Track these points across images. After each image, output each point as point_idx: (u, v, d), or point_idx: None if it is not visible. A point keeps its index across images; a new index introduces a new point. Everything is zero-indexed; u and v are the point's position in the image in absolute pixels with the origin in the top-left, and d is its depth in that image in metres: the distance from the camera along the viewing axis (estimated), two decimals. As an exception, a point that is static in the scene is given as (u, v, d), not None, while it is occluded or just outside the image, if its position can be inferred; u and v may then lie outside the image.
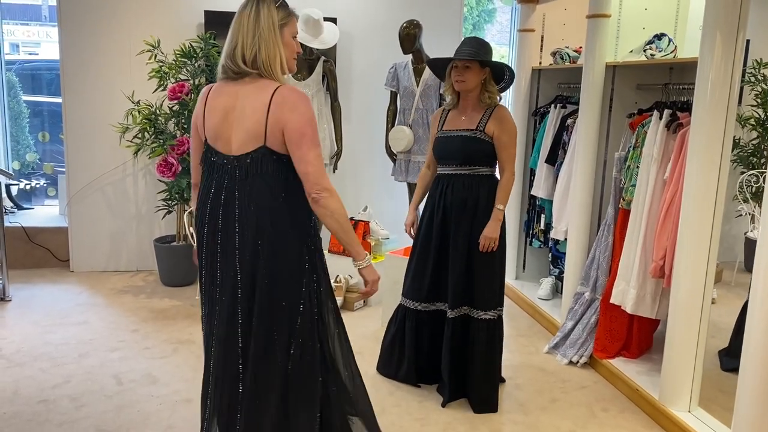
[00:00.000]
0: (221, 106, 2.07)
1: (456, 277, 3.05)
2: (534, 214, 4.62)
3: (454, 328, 3.08)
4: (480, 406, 3.05)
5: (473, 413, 3.03)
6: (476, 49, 2.97)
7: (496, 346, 3.11)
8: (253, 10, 2.03)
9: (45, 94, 6.22)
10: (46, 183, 5.92)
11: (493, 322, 3.07)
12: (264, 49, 2.01)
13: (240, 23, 2.04)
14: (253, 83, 2.04)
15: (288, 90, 2.03)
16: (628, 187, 3.42)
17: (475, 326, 3.07)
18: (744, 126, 5.02)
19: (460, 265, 3.04)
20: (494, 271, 3.07)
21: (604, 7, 3.56)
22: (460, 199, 3.03)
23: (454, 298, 3.06)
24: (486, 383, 3.08)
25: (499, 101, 3.07)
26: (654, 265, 3.15)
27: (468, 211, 3.03)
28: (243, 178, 2.04)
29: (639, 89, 3.76)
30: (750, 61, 4.99)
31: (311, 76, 4.43)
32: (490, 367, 3.10)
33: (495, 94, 3.03)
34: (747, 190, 4.74)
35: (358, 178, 5.25)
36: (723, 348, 3.55)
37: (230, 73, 2.05)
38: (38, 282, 4.74)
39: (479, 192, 3.02)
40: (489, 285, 3.05)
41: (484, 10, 11.60)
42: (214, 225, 2.11)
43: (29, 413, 2.89)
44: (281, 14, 2.07)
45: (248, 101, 2.02)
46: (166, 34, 4.68)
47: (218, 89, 2.10)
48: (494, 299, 3.07)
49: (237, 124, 2.04)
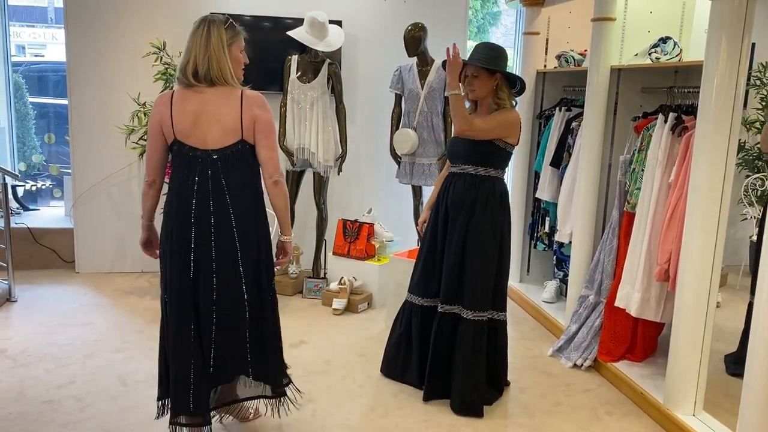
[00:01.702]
0: (191, 110, 2.43)
1: (448, 274, 3.08)
2: (538, 217, 4.62)
3: (442, 323, 3.11)
4: (460, 407, 3.04)
5: (477, 417, 3.03)
6: (485, 56, 2.99)
7: (482, 349, 3.06)
8: (205, 31, 2.44)
9: (51, 95, 6.24)
10: (52, 184, 5.94)
11: (481, 324, 3.05)
12: (215, 64, 2.42)
13: (193, 42, 2.45)
14: (215, 90, 2.44)
15: (252, 93, 2.49)
16: (633, 191, 3.42)
17: (463, 326, 3.07)
18: (749, 129, 5.01)
19: (453, 263, 3.07)
20: (487, 273, 3.05)
21: (609, 11, 3.57)
22: (459, 197, 3.06)
23: (445, 294, 3.10)
24: (466, 385, 3.04)
25: (513, 106, 3.06)
26: (659, 268, 3.15)
27: (465, 210, 3.05)
28: (226, 167, 2.45)
29: (644, 92, 3.75)
30: (755, 65, 4.99)
31: (316, 79, 4.44)
32: (473, 369, 3.05)
33: (505, 100, 3.02)
34: (752, 193, 4.73)
35: (362, 180, 5.26)
36: (730, 353, 3.53)
37: (183, 83, 2.46)
38: (44, 283, 4.76)
39: (478, 192, 3.03)
40: (480, 286, 3.04)
41: (489, 12, 11.58)
42: (205, 210, 2.45)
43: (34, 413, 2.90)
44: (229, 34, 2.46)
45: (219, 104, 2.43)
46: (172, 36, 4.69)
47: (182, 96, 2.45)
48: (486, 301, 3.06)
49: (211, 124, 2.43)
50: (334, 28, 4.46)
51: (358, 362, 3.57)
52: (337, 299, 4.35)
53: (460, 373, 3.05)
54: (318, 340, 3.87)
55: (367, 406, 3.08)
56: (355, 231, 4.59)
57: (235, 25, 2.53)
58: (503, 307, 3.16)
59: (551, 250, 4.53)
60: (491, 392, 3.18)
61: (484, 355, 3.08)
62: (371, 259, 4.55)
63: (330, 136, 4.49)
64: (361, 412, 3.03)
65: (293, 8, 4.83)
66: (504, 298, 3.17)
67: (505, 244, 3.10)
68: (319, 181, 4.63)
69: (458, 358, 3.06)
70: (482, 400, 3.07)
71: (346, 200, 5.20)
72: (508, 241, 3.12)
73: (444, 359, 3.12)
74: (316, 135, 4.43)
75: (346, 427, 2.89)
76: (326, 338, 3.91)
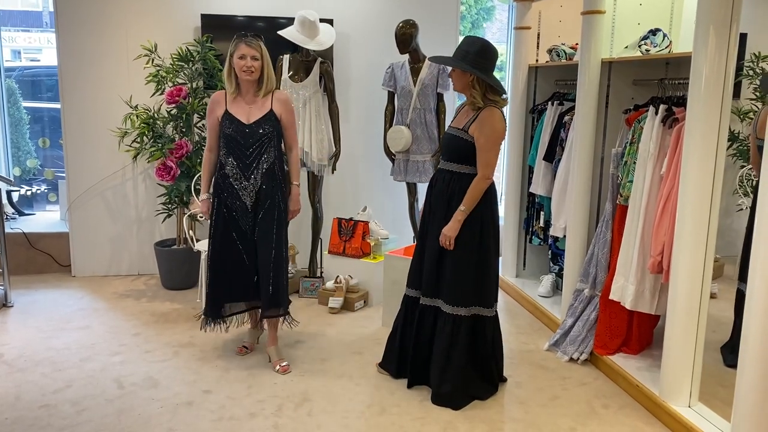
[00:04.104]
0: None
1: (428, 269, 3.13)
2: (533, 211, 4.62)
3: (423, 315, 3.17)
4: (435, 397, 3.10)
5: (474, 411, 3.03)
6: (460, 52, 2.99)
7: (458, 343, 3.07)
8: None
9: (45, 100, 6.24)
10: (47, 189, 5.94)
11: (459, 318, 3.06)
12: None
13: None
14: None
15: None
16: (626, 183, 3.42)
17: (442, 320, 3.11)
18: (743, 120, 5.01)
19: (432, 257, 3.11)
20: (466, 268, 3.04)
21: (598, 4, 3.56)
22: (440, 192, 3.10)
23: (426, 288, 3.16)
24: (441, 377, 3.08)
25: (491, 104, 2.98)
26: (652, 260, 3.15)
27: (442, 206, 3.08)
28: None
29: (635, 85, 3.75)
30: (748, 55, 4.98)
31: (308, 78, 4.43)
32: (448, 362, 3.08)
33: (478, 99, 2.98)
34: (747, 184, 4.73)
35: (357, 178, 5.26)
36: (726, 343, 3.54)
37: None
38: (40, 287, 4.76)
39: (455, 188, 3.04)
40: (459, 281, 3.05)
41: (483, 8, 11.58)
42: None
43: (31, 418, 2.91)
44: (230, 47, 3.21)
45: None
46: (162, 38, 4.70)
47: None
48: (466, 297, 3.06)
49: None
50: (325, 26, 4.45)
51: (355, 360, 3.58)
52: (334, 298, 4.36)
53: (436, 365, 3.12)
54: (314, 339, 3.87)
55: (363, 404, 3.09)
56: (350, 229, 4.59)
57: (240, 35, 3.19)
58: (490, 303, 3.14)
59: (546, 244, 4.53)
60: (485, 387, 3.18)
61: (461, 349, 3.08)
62: (367, 257, 4.55)
63: (323, 135, 4.48)
64: (358, 410, 3.04)
65: (285, 8, 4.83)
66: (491, 294, 3.14)
67: (487, 240, 3.06)
68: (314, 180, 4.63)
69: (435, 351, 3.13)
70: (458, 393, 3.08)
71: (340, 199, 5.20)
72: (491, 237, 3.09)
73: (425, 350, 3.18)
74: (310, 134, 4.43)
75: (342, 425, 2.90)
76: (322, 337, 3.92)
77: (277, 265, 3.34)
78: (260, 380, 3.31)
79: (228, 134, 3.26)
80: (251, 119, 3.26)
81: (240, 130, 3.24)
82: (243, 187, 3.29)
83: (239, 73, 3.19)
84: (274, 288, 3.33)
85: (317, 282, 4.64)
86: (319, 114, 4.48)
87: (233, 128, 3.25)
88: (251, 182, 3.29)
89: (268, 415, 2.96)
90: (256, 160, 3.27)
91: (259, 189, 3.29)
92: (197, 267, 4.54)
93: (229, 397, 3.13)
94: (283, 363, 3.43)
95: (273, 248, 3.32)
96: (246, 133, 3.25)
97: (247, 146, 3.26)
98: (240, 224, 3.33)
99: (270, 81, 3.28)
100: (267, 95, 3.29)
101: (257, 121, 3.25)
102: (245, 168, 3.27)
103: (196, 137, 4.64)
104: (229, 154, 3.28)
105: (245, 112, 3.27)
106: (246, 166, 3.27)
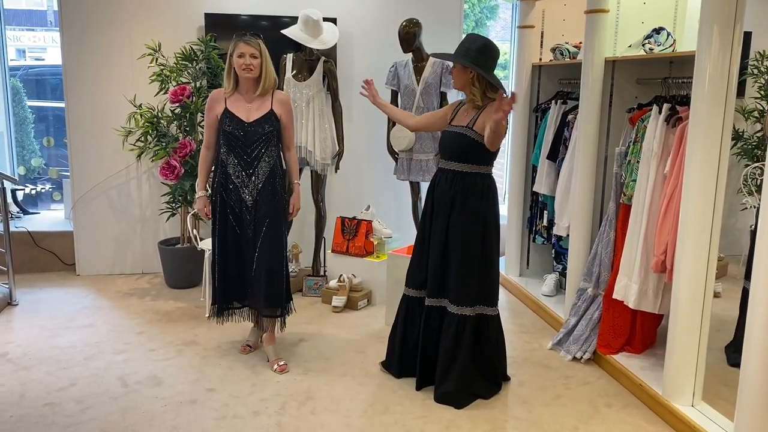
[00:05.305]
0: None
1: (433, 269, 3.13)
2: (537, 210, 4.62)
3: (429, 314, 3.16)
4: (438, 397, 3.11)
5: (476, 410, 3.04)
6: (462, 49, 2.99)
7: (463, 342, 3.08)
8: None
9: (50, 99, 6.25)
10: (52, 187, 5.96)
11: (464, 318, 3.06)
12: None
13: None
14: None
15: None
16: (629, 182, 3.41)
17: (447, 319, 3.11)
18: (747, 118, 4.99)
19: (437, 258, 3.11)
20: (471, 267, 3.05)
21: (602, 2, 3.56)
22: (442, 193, 3.09)
23: (431, 288, 3.15)
24: (444, 376, 3.09)
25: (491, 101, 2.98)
26: (655, 259, 3.14)
27: (445, 206, 3.07)
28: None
29: (639, 84, 3.74)
30: (753, 53, 4.96)
31: (312, 77, 4.43)
32: (452, 361, 3.08)
33: (477, 96, 2.99)
34: (751, 182, 4.71)
35: (360, 177, 5.26)
36: (730, 342, 3.53)
37: None
38: (44, 286, 4.78)
39: (458, 188, 3.04)
40: (464, 281, 3.05)
41: (487, 6, 11.56)
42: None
43: (35, 416, 2.92)
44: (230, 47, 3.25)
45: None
46: (166, 37, 4.71)
47: None
48: (471, 296, 3.07)
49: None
50: (328, 25, 4.45)
51: (358, 359, 3.58)
52: (337, 297, 4.36)
53: (440, 364, 3.12)
54: (317, 338, 3.88)
55: (366, 403, 3.09)
56: (353, 228, 4.60)
57: (239, 35, 3.21)
58: (493, 302, 3.15)
59: (550, 243, 4.53)
60: (488, 386, 3.18)
61: (466, 349, 3.08)
62: (370, 256, 4.55)
63: (327, 134, 4.49)
64: (361, 408, 3.04)
65: (288, 7, 4.83)
66: (494, 293, 3.16)
67: (490, 239, 3.07)
68: (317, 179, 4.63)
69: (440, 350, 3.13)
70: (461, 392, 3.08)
71: (344, 198, 5.20)
72: (493, 236, 3.10)
73: (433, 351, 3.18)
74: (313, 133, 4.43)
75: (345, 424, 2.90)
76: (326, 336, 3.92)
77: (276, 264, 3.34)
78: (264, 379, 3.31)
79: (228, 132, 3.27)
80: (251, 118, 3.27)
81: (240, 128, 3.25)
82: (245, 185, 3.30)
83: (239, 71, 3.21)
84: (272, 288, 3.34)
85: (320, 281, 4.64)
86: (323, 113, 4.48)
87: (233, 126, 3.26)
88: (253, 180, 3.29)
89: (271, 414, 2.96)
90: (258, 159, 3.28)
91: (261, 187, 3.30)
92: (201, 266, 4.55)
93: (232, 395, 3.14)
94: (281, 362, 3.43)
95: (273, 248, 3.33)
96: (246, 132, 3.26)
97: (248, 145, 3.27)
98: (242, 222, 3.34)
99: (269, 79, 3.28)
100: (267, 94, 3.30)
101: (258, 120, 3.26)
102: (247, 166, 3.28)
103: (200, 136, 4.64)
104: (230, 153, 3.29)
105: (245, 111, 3.28)
106: (248, 165, 3.28)
